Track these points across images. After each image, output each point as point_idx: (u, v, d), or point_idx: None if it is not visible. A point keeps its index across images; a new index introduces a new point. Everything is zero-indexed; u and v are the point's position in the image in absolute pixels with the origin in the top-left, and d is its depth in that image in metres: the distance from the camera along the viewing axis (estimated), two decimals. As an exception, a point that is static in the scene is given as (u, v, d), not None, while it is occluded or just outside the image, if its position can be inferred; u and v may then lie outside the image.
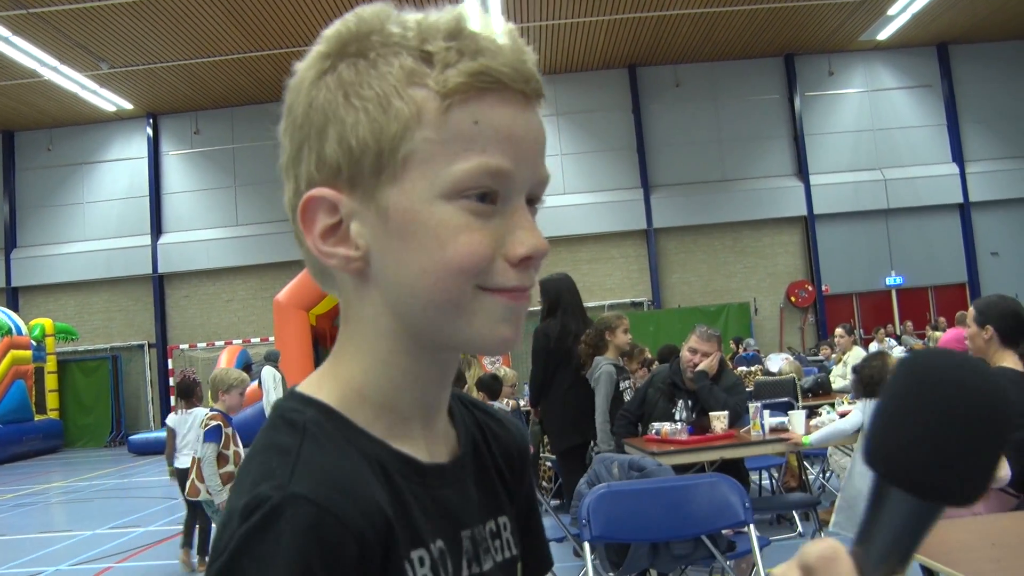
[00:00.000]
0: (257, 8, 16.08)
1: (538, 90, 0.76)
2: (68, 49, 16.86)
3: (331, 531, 0.67)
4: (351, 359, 0.80)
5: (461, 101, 0.72)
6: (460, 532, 0.82)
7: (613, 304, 20.78)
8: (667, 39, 19.87)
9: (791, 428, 5.42)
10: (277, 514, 0.66)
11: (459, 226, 0.72)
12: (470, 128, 0.72)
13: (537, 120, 0.77)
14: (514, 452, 0.96)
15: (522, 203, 0.76)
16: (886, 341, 15.86)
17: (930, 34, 20.44)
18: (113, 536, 8.53)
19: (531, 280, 0.76)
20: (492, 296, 0.74)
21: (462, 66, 0.71)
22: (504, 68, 0.73)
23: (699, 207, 21.00)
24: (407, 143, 0.72)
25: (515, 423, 1.00)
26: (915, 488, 0.58)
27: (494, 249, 0.73)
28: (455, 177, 0.72)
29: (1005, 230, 21.06)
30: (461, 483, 0.85)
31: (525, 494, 0.98)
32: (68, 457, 18.56)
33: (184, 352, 21.02)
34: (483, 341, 0.76)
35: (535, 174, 0.77)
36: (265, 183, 21.16)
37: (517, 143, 0.74)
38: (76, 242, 21.58)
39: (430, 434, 0.84)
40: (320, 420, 0.76)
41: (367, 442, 0.77)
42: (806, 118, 21.26)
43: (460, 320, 0.74)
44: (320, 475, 0.70)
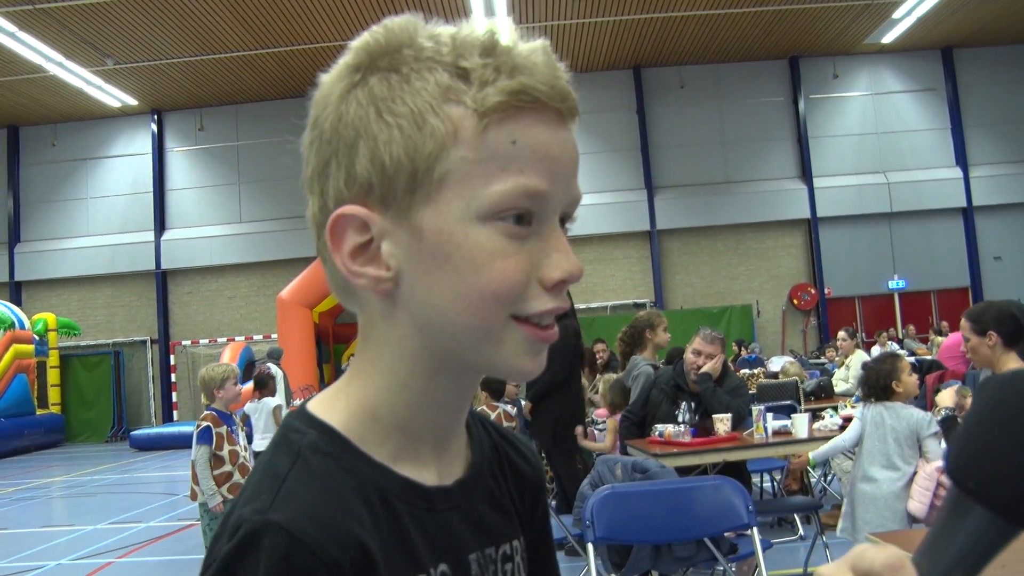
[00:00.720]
0: (263, 6, 16.09)
1: (573, 108, 0.76)
2: (73, 45, 16.87)
3: (303, 561, 0.66)
4: (368, 379, 0.79)
5: (499, 120, 0.71)
6: (467, 556, 0.81)
7: (616, 305, 20.82)
8: (672, 40, 19.87)
9: (794, 432, 5.43)
10: (255, 540, 0.67)
11: (495, 250, 0.71)
12: (508, 148, 0.71)
13: (572, 139, 0.76)
14: (529, 481, 0.95)
15: (556, 224, 0.75)
16: (888, 345, 15.84)
17: (935, 38, 20.42)
18: (114, 531, 8.54)
19: (565, 302, 0.76)
20: (522, 328, 0.73)
21: (500, 84, 0.70)
22: (541, 86, 0.72)
23: (702, 209, 21.00)
24: (443, 162, 0.71)
25: (533, 453, 0.99)
26: (1004, 510, 0.57)
27: (529, 274, 0.72)
28: (492, 199, 0.70)
29: (1008, 234, 21.04)
30: (469, 506, 0.84)
31: (539, 523, 0.97)
32: (69, 452, 18.58)
33: (186, 348, 21.04)
34: (507, 370, 0.76)
35: (569, 194, 0.76)
36: (269, 180, 21.17)
37: (554, 163, 0.73)
38: (80, 237, 21.61)
39: (442, 456, 0.83)
40: (318, 444, 0.75)
41: (367, 467, 0.76)
42: (810, 121, 21.25)
43: (489, 347, 0.74)
44: (299, 504, 0.70)
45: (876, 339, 17.51)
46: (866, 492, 4.23)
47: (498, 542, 0.85)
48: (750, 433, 5.45)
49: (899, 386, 4.36)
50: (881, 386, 4.36)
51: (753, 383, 8.26)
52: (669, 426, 5.29)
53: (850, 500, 4.34)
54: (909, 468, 4.20)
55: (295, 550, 0.66)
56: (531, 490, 0.95)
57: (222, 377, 5.50)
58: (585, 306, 20.66)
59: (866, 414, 4.44)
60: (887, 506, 4.13)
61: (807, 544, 5.79)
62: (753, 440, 5.37)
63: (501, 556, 0.85)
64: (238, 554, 0.67)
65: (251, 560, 0.66)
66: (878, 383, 4.37)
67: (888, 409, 4.34)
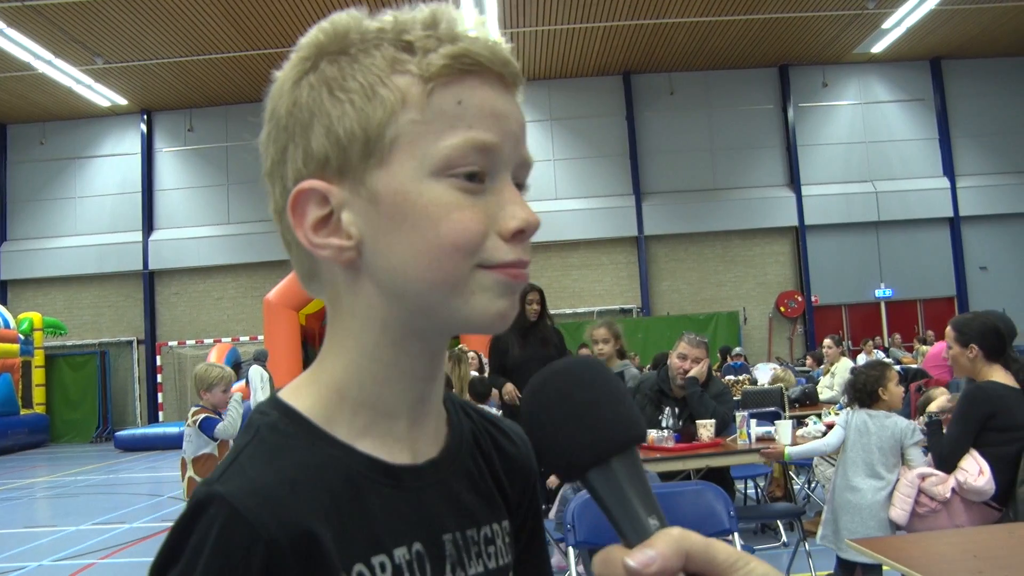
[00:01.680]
0: (254, 7, 16.08)
1: (515, 74, 0.78)
2: (63, 43, 16.82)
3: (241, 534, 0.68)
4: (335, 357, 0.80)
5: (444, 84, 0.73)
6: (441, 535, 0.81)
7: (603, 311, 20.82)
8: (662, 47, 19.94)
9: (777, 438, 5.44)
10: (201, 510, 0.69)
11: (450, 203, 0.73)
12: (454, 108, 0.73)
13: (517, 105, 0.79)
14: (520, 468, 0.95)
15: (509, 180, 0.77)
16: (874, 353, 15.92)
17: (924, 49, 20.55)
18: (97, 532, 8.50)
19: (527, 254, 0.77)
20: (490, 272, 0.75)
21: (443, 50, 0.73)
22: (483, 51, 0.75)
23: (690, 215, 21.05)
24: (392, 127, 0.73)
25: (524, 439, 0.98)
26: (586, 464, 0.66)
27: (487, 225, 0.74)
28: (443, 153, 0.73)
29: (994, 245, 21.17)
30: (444, 485, 0.83)
31: (531, 513, 0.97)
32: (54, 452, 18.48)
33: (173, 349, 20.98)
34: (481, 318, 0.76)
35: (519, 153, 0.78)
36: (258, 182, 20.43)
37: (500, 119, 0.75)
38: (67, 236, 21.52)
39: (418, 433, 0.83)
40: (277, 425, 0.77)
41: (328, 446, 0.77)
42: (799, 129, 21.34)
43: (458, 299, 0.75)
44: (245, 479, 0.72)
45: (862, 347, 17.59)
46: (849, 501, 4.23)
47: (479, 524, 0.85)
48: (734, 439, 5.47)
49: (885, 394, 4.37)
50: (868, 391, 4.36)
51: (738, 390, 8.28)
52: (652, 431, 5.30)
53: (832, 508, 4.34)
54: (892, 476, 4.20)
55: (234, 522, 0.68)
56: (521, 473, 0.95)
57: (213, 380, 5.46)
58: (572, 311, 20.68)
59: (850, 421, 4.45)
60: (872, 515, 4.13)
61: (790, 551, 5.81)
62: (736, 446, 5.38)
63: (483, 538, 0.85)
64: (186, 523, 0.70)
65: (196, 529, 0.69)
66: (865, 388, 4.37)
67: (872, 417, 4.34)
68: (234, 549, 0.68)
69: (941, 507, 3.97)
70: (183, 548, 0.69)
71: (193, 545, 0.68)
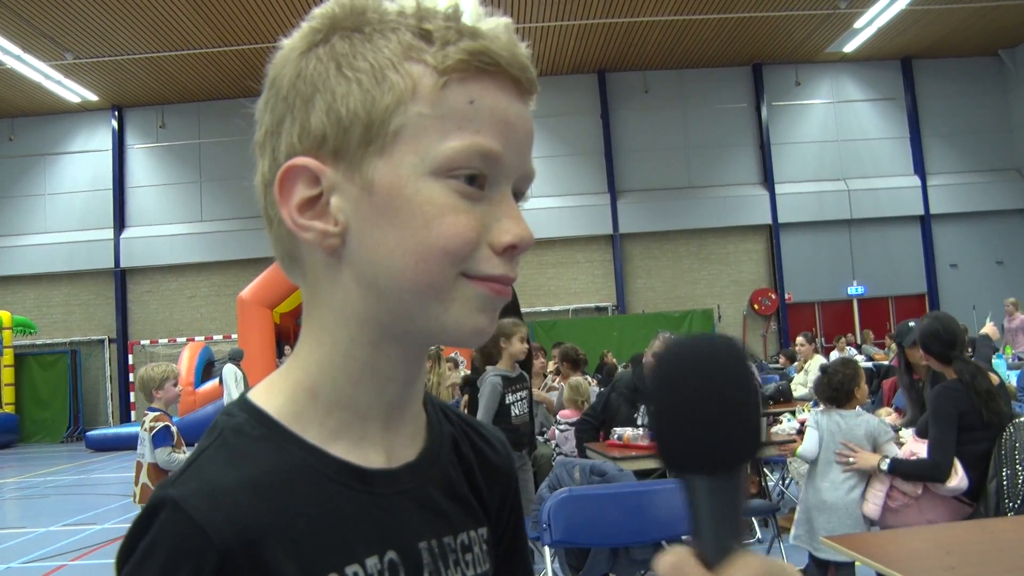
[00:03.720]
0: (226, 3, 15.95)
1: (532, 81, 0.76)
2: (32, 38, 16.60)
3: (191, 537, 0.67)
4: (308, 354, 0.78)
5: (459, 80, 0.71)
6: (418, 543, 0.78)
7: (578, 308, 20.87)
8: (637, 46, 19.99)
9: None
10: (153, 513, 0.68)
11: (446, 206, 0.70)
12: (465, 107, 0.71)
13: (528, 113, 0.77)
14: (500, 474, 0.93)
15: (509, 191, 0.75)
16: (847, 350, 16.04)
17: (895, 48, 20.74)
18: (67, 533, 8.41)
19: (513, 271, 0.75)
20: (473, 284, 0.72)
21: (462, 44, 0.71)
22: (503, 51, 0.72)
23: (665, 213, 21.13)
24: (399, 116, 0.70)
25: (505, 446, 0.97)
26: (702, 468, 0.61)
27: (480, 234, 0.72)
28: (446, 154, 0.70)
29: (964, 242, 21.41)
30: (421, 492, 0.81)
31: (508, 514, 0.95)
32: (23, 452, 18.26)
33: (145, 348, 20.79)
34: (458, 330, 0.73)
35: (523, 165, 0.76)
36: (231, 179, 20.98)
37: (509, 128, 0.73)
38: (37, 234, 21.25)
39: (394, 437, 0.80)
40: (242, 427, 0.75)
41: (296, 448, 0.74)
42: (772, 127, 21.47)
43: (438, 306, 0.72)
44: (200, 481, 0.70)
45: (835, 344, 17.72)
46: (824, 500, 4.24)
47: (456, 531, 0.83)
48: (708, 437, 5.48)
49: (858, 392, 4.41)
50: (845, 391, 4.38)
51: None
52: (628, 429, 5.31)
53: (805, 508, 4.34)
54: (865, 474, 4.23)
55: (185, 527, 0.67)
56: (501, 480, 0.93)
57: (161, 377, 5.26)
58: (547, 309, 20.71)
59: (821, 422, 4.46)
60: (848, 514, 4.15)
61: (765, 547, 5.85)
62: (711, 444, 5.39)
63: (460, 545, 0.83)
64: (140, 527, 0.69)
65: (148, 533, 0.68)
66: (842, 387, 4.38)
67: (844, 417, 4.37)
68: (184, 555, 0.66)
69: (913, 502, 4.01)
70: (135, 547, 0.68)
71: (143, 549, 0.67)
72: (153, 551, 0.67)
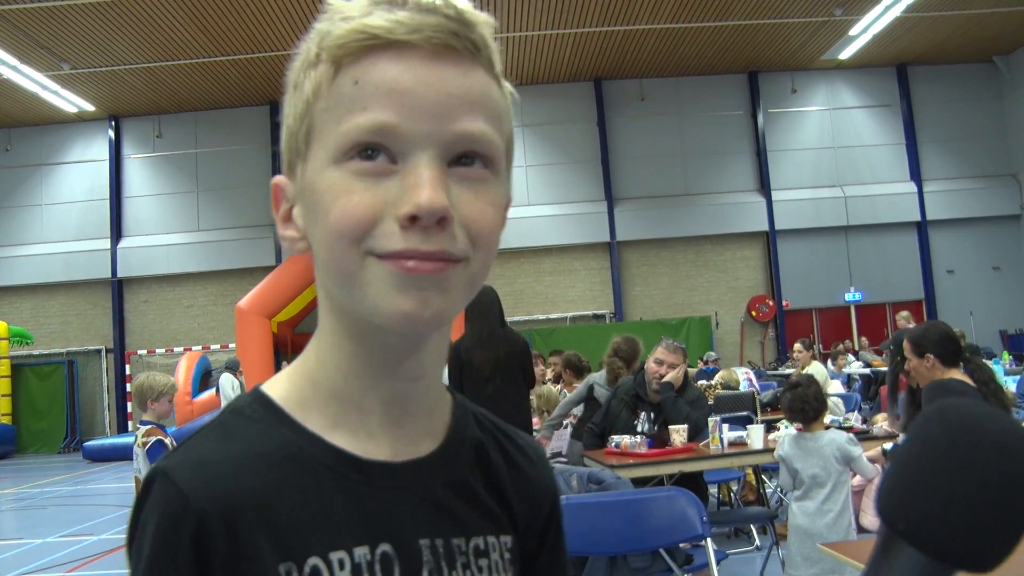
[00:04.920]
0: (223, 13, 15.96)
1: (440, 39, 0.71)
2: (29, 48, 16.61)
3: (174, 505, 0.71)
4: (311, 347, 0.81)
5: (348, 65, 0.71)
6: (417, 540, 0.78)
7: (575, 316, 20.87)
8: (633, 53, 20.02)
9: (749, 442, 5.46)
10: (149, 485, 0.74)
11: (340, 189, 0.70)
12: (351, 89, 0.70)
13: (451, 72, 0.71)
14: (532, 486, 0.91)
15: (426, 161, 0.70)
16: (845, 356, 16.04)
17: (890, 55, 20.79)
18: (65, 544, 8.39)
19: (429, 244, 0.69)
20: (380, 263, 0.70)
21: (338, 29, 0.71)
22: (384, 22, 0.69)
23: (662, 221, 21.14)
24: (307, 118, 0.74)
25: (542, 458, 0.95)
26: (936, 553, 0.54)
27: (377, 210, 0.69)
28: (337, 140, 0.71)
29: (961, 249, 21.43)
30: (426, 489, 0.80)
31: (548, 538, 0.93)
32: (20, 463, 18.22)
33: (142, 358, 20.73)
34: (381, 314, 0.71)
35: (444, 128, 0.70)
36: (228, 188, 20.99)
37: (404, 95, 0.69)
38: (33, 244, 21.20)
39: (398, 433, 0.80)
40: (244, 410, 0.79)
41: (292, 433, 0.77)
42: (769, 134, 21.51)
43: (356, 291, 0.72)
44: (190, 455, 0.75)
45: (832, 351, 17.73)
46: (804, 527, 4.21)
47: (468, 534, 0.82)
48: (706, 444, 5.49)
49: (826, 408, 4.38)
50: (813, 408, 4.34)
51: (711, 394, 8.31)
52: (625, 437, 5.31)
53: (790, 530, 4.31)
54: (841, 496, 4.20)
55: (170, 492, 0.72)
56: (533, 491, 0.91)
57: (161, 390, 5.17)
58: (545, 317, 20.71)
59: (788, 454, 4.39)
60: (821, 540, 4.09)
61: (763, 554, 5.84)
62: (709, 451, 5.40)
63: (473, 549, 0.81)
64: (140, 498, 0.75)
65: (146, 503, 0.74)
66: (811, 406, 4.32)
67: (808, 439, 4.32)
68: (168, 518, 0.71)
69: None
70: (137, 521, 0.74)
71: (143, 518, 0.73)
72: (149, 519, 0.73)
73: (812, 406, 4.31)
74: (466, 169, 0.72)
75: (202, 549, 0.71)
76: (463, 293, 0.74)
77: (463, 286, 0.73)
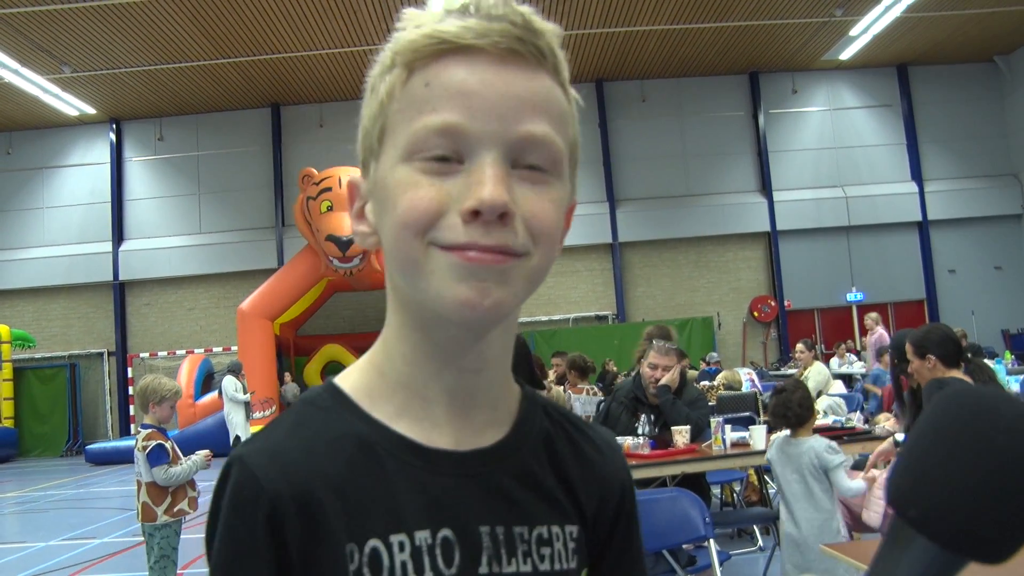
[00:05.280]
0: (223, 15, 15.98)
1: (505, 44, 0.74)
2: (30, 52, 16.63)
3: (249, 488, 0.77)
4: (381, 340, 0.86)
5: (419, 68, 0.75)
6: (478, 526, 0.80)
7: (578, 317, 20.87)
8: (634, 55, 20.03)
9: (751, 443, 5.46)
10: (227, 471, 0.80)
11: (407, 183, 0.74)
12: (422, 91, 0.74)
13: (516, 76, 0.74)
14: (600, 477, 0.92)
15: (490, 160, 0.73)
16: (847, 356, 16.04)
17: (890, 55, 20.78)
18: (68, 548, 8.39)
19: (490, 238, 0.72)
20: (443, 253, 0.73)
21: (410, 35, 0.75)
22: (453, 28, 0.73)
23: (664, 222, 21.14)
24: (381, 119, 0.78)
25: (613, 450, 0.96)
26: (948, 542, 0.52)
27: (442, 204, 0.73)
28: (408, 139, 0.75)
29: (962, 248, 21.42)
30: (490, 477, 0.83)
31: (618, 529, 0.93)
32: (23, 466, 18.22)
33: (144, 361, 20.74)
34: (442, 303, 0.74)
35: (508, 129, 0.73)
36: (229, 191, 21.01)
37: (471, 97, 0.73)
38: (35, 247, 21.23)
39: (464, 423, 0.83)
40: (316, 400, 0.84)
41: (359, 422, 0.82)
42: (770, 135, 21.51)
43: (421, 280, 0.75)
44: (265, 442, 0.81)
45: (834, 351, 17.73)
46: (792, 536, 4.17)
47: (532, 523, 0.84)
48: (708, 445, 5.48)
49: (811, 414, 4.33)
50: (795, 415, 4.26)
51: (713, 395, 8.31)
52: (628, 438, 5.30)
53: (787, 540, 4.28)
54: (830, 504, 4.15)
55: (245, 477, 0.78)
56: (601, 482, 0.92)
57: (164, 394, 5.09)
58: (547, 318, 20.71)
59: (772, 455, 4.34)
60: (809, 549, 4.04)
61: (766, 555, 5.84)
62: (711, 452, 5.40)
63: (536, 538, 0.83)
64: (219, 483, 0.80)
65: (224, 487, 0.79)
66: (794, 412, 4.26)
67: (792, 444, 4.28)
68: (244, 502, 0.77)
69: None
70: (216, 507, 0.80)
71: (222, 504, 0.79)
72: (226, 503, 0.78)
73: (795, 412, 4.24)
74: (529, 171, 0.76)
75: (277, 530, 0.76)
76: (524, 287, 0.77)
77: (523, 280, 0.76)
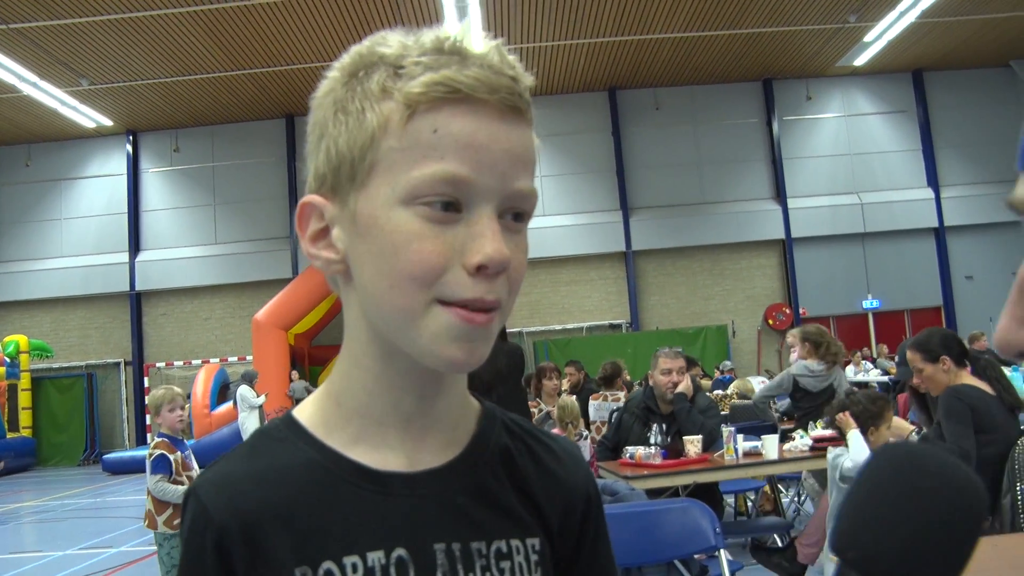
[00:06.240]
0: (239, 27, 16.09)
1: (510, 102, 0.76)
2: (48, 65, 16.79)
3: (200, 519, 0.81)
4: (339, 366, 0.86)
5: (425, 111, 0.74)
6: (432, 544, 0.81)
7: (592, 326, 20.84)
8: (647, 62, 20.02)
9: (764, 452, 5.44)
10: (185, 502, 0.85)
11: (413, 232, 0.74)
12: (429, 136, 0.74)
13: (514, 132, 0.77)
14: (562, 487, 0.92)
15: (488, 213, 0.75)
16: (862, 364, 15.96)
17: (905, 61, 20.70)
18: (85, 557, 8.44)
19: (492, 293, 0.75)
20: (445, 311, 0.74)
21: (423, 77, 0.74)
22: (466, 78, 0.74)
23: (678, 230, 21.09)
24: (373, 151, 0.76)
25: (574, 459, 0.96)
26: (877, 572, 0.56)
27: (448, 258, 0.74)
28: (412, 183, 0.74)
29: (979, 254, 21.26)
30: (444, 495, 0.84)
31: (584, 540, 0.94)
32: (41, 476, 18.34)
33: (161, 370, 20.85)
34: (431, 357, 0.77)
35: (506, 184, 0.76)
36: (245, 202, 21.12)
37: (479, 151, 0.74)
38: (53, 258, 21.40)
39: (418, 445, 0.85)
40: (271, 432, 0.87)
41: (313, 451, 0.84)
42: (784, 142, 21.45)
43: (412, 331, 0.76)
44: (216, 474, 0.84)
45: (850, 358, 17.63)
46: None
47: (490, 537, 0.84)
48: (721, 454, 5.47)
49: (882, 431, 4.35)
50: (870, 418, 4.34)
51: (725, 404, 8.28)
52: (640, 448, 5.30)
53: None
54: None
55: (197, 508, 0.82)
56: (564, 493, 0.92)
57: (157, 403, 5.11)
58: (561, 327, 20.70)
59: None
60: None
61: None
62: (723, 461, 5.38)
63: (494, 552, 0.84)
64: (181, 514, 0.86)
65: (184, 519, 0.84)
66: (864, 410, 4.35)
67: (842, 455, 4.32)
68: (196, 532, 0.82)
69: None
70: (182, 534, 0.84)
71: (182, 532, 0.84)
72: (185, 532, 0.83)
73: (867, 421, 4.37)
74: (512, 221, 0.78)
75: (225, 557, 0.80)
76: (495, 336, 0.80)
77: (496, 330, 0.79)
